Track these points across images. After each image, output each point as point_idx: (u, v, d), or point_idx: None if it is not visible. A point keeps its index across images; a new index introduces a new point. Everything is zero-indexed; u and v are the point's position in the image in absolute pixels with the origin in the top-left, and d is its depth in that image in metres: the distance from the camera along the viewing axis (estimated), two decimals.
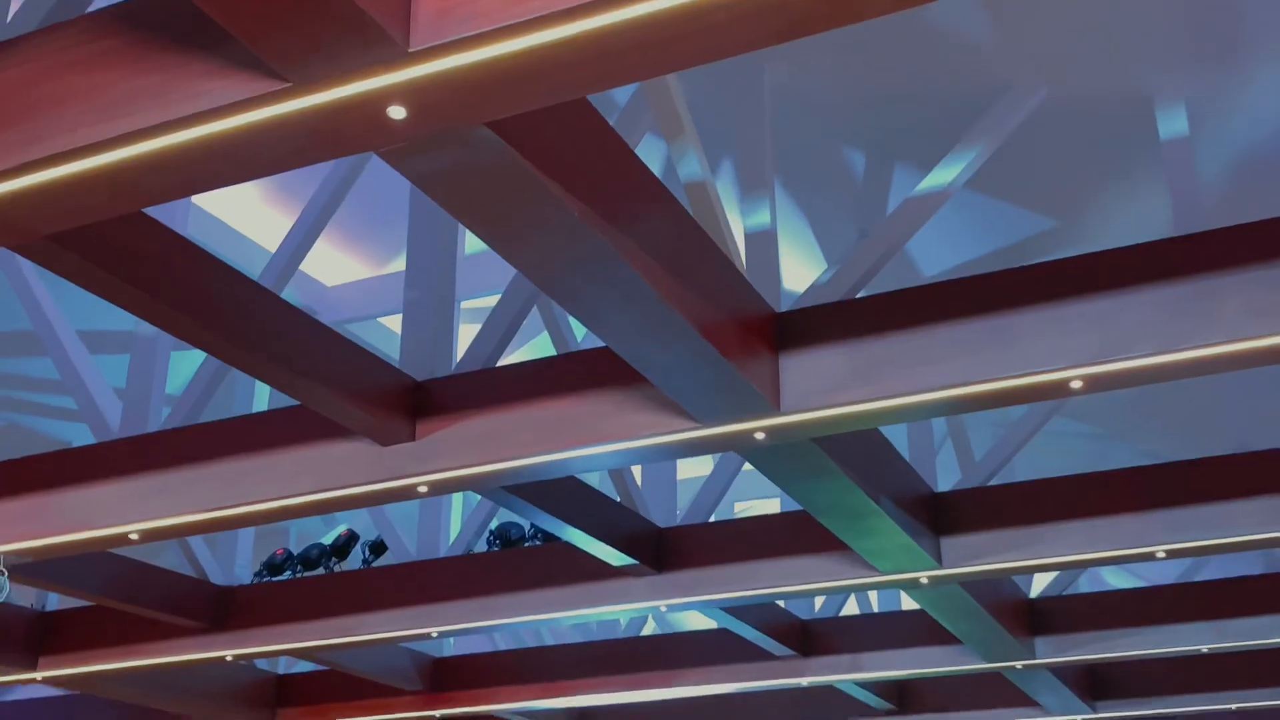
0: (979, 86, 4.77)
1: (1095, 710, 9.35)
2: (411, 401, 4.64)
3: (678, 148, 4.13)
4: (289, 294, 5.07)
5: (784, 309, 4.25)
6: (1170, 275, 3.67)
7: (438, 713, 9.42)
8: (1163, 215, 4.99)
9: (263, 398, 6.51)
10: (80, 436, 5.83)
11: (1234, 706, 9.34)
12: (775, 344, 4.13)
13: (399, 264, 7.34)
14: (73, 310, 5.92)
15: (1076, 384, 3.79)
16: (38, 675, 7.79)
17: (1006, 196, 5.87)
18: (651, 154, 5.38)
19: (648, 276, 3.29)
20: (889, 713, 9.86)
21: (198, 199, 6.45)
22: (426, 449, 4.56)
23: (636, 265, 3.24)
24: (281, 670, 9.91)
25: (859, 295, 4.34)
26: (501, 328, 5.06)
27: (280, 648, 7.33)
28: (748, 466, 6.53)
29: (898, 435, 6.00)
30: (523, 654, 9.37)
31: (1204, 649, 7.49)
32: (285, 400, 4.74)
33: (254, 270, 4.85)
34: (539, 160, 2.86)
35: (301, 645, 7.25)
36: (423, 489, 4.67)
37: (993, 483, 6.25)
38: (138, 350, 5.90)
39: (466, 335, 5.41)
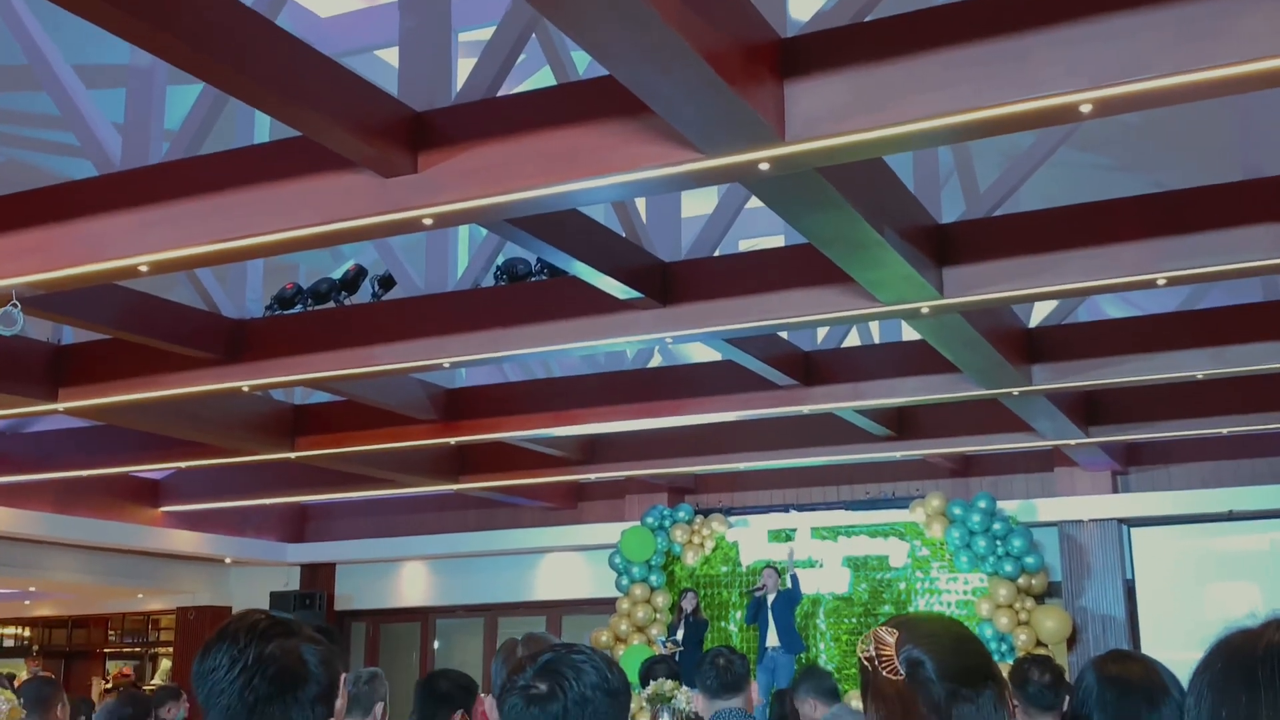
0: None
1: (1089, 435, 9.62)
2: (412, 132, 4.59)
3: None
4: (282, 24, 4.94)
5: (789, 35, 4.14)
6: None
7: (452, 440, 9.73)
8: None
9: (263, 130, 6.42)
10: (81, 172, 5.79)
11: (1226, 431, 9.61)
12: (780, 71, 4.04)
13: None
14: (65, 44, 5.79)
15: (1086, 108, 3.73)
16: (59, 406, 8.01)
17: None
18: None
19: None
20: (888, 439, 10.16)
21: None
22: (429, 181, 4.55)
23: None
24: (298, 401, 10.19)
25: (866, 19, 4.22)
26: (501, 55, 4.95)
27: (295, 378, 7.51)
28: (753, 203, 6.52)
29: (903, 166, 5.94)
30: (533, 385, 9.60)
31: (1199, 375, 7.63)
32: (286, 133, 4.69)
33: None
34: None
35: (316, 376, 7.43)
36: (427, 221, 4.67)
37: (997, 214, 6.24)
38: (134, 83, 5.80)
39: (465, 70, 5.29)
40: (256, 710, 1.92)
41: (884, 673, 1.78)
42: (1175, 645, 9.94)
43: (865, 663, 1.83)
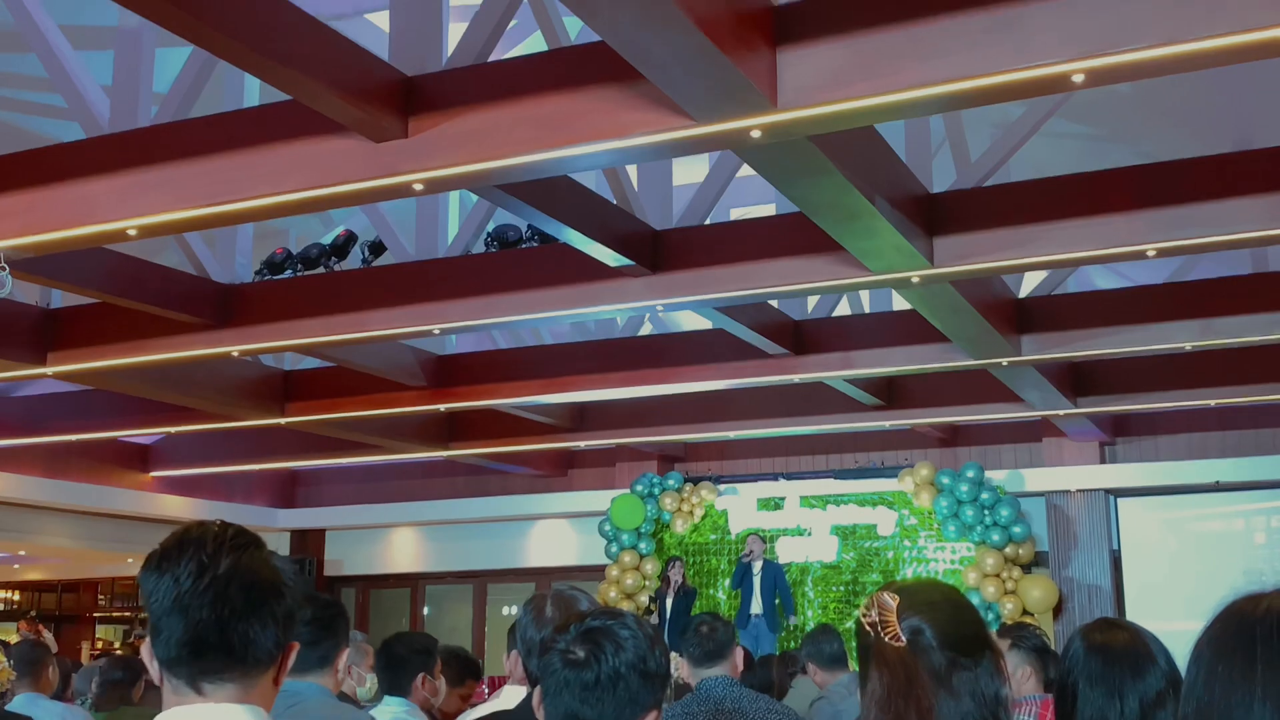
0: None
1: (1077, 406, 9.65)
2: (403, 97, 4.57)
3: None
4: None
5: (782, 1, 4.12)
6: None
7: (442, 406, 9.74)
8: None
9: (253, 93, 6.39)
10: (69, 134, 5.77)
11: (1213, 403, 9.65)
12: (773, 37, 4.03)
13: None
14: (54, 5, 5.74)
15: (1078, 77, 3.73)
16: (48, 370, 7.99)
17: None
18: None
19: None
20: (877, 408, 10.19)
21: None
22: (420, 146, 4.53)
23: None
24: (288, 366, 10.17)
25: None
26: (492, 19, 4.93)
27: (285, 344, 7.50)
28: (744, 172, 6.51)
29: (894, 135, 5.93)
30: (523, 352, 9.60)
31: (1188, 347, 7.65)
32: (275, 96, 4.66)
33: None
34: None
35: (306, 341, 7.42)
36: (418, 186, 4.66)
37: (988, 183, 6.23)
38: (123, 45, 5.77)
39: (456, 35, 5.27)
40: (229, 626, 1.73)
41: (886, 639, 1.82)
42: (1161, 615, 9.99)
43: (868, 627, 1.85)
